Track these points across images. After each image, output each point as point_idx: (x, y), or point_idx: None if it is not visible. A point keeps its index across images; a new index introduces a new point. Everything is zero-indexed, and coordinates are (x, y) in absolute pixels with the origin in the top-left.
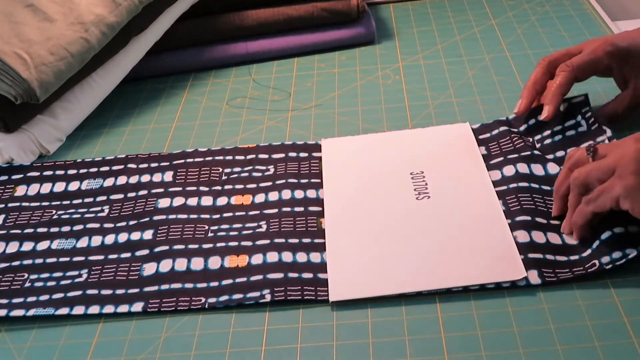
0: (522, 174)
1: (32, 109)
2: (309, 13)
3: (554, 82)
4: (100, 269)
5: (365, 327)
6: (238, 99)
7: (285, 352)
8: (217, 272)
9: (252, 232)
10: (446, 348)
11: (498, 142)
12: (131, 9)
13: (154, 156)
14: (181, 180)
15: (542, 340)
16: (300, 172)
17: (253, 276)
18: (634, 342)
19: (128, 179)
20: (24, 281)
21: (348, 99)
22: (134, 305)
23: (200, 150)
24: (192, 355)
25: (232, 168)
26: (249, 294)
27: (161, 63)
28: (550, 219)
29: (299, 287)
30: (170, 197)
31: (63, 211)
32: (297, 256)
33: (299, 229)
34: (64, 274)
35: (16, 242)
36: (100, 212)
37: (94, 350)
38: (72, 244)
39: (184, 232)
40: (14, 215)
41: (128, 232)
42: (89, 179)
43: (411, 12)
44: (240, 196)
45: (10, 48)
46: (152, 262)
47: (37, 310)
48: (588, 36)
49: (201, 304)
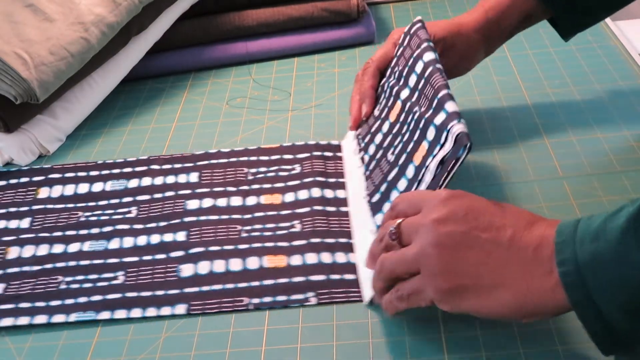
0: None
1: (32, 109)
2: (309, 13)
3: (364, 81)
4: (136, 271)
5: (365, 327)
6: (238, 99)
7: (285, 352)
8: (257, 272)
9: (286, 232)
10: (446, 348)
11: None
12: (131, 9)
13: (176, 157)
14: (207, 181)
15: (542, 341)
16: (326, 171)
17: (294, 277)
18: None
19: (153, 180)
20: (59, 283)
21: (348, 99)
22: (176, 307)
23: (224, 151)
24: (192, 355)
25: (257, 168)
26: (292, 295)
27: (161, 63)
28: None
29: (344, 289)
30: (199, 198)
31: (90, 213)
32: (336, 257)
33: (333, 228)
34: (99, 276)
35: (46, 244)
36: (128, 213)
37: (94, 350)
38: (103, 246)
39: (217, 233)
40: (39, 217)
41: (160, 234)
42: (113, 180)
43: (411, 12)
44: (270, 195)
45: (10, 48)
46: (189, 264)
47: (78, 315)
48: (589, 37)
49: (244, 305)
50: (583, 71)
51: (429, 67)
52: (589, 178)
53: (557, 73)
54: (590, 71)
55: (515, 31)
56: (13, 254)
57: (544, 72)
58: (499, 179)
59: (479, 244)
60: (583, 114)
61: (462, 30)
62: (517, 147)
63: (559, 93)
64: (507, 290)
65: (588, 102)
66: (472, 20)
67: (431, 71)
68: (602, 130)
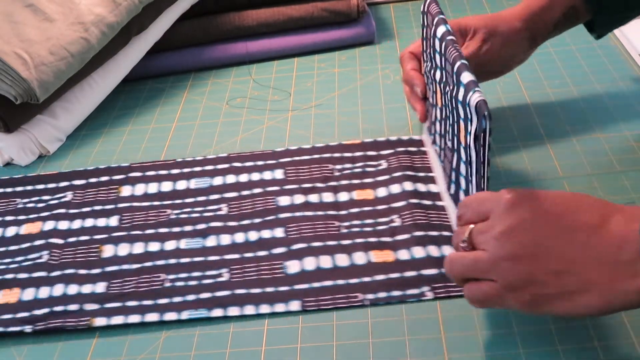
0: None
1: (32, 109)
2: (309, 13)
3: (404, 69)
4: (240, 268)
5: (365, 327)
6: (238, 99)
7: (285, 352)
8: (365, 267)
9: (387, 227)
10: (446, 348)
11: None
12: (131, 9)
13: (257, 154)
14: (293, 177)
15: (542, 341)
16: (414, 165)
17: (406, 272)
18: (634, 342)
19: (237, 177)
20: (163, 281)
21: (348, 99)
22: (290, 303)
23: (305, 148)
24: (192, 355)
25: (342, 164)
26: (408, 290)
27: (161, 63)
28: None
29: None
30: (289, 195)
31: (179, 210)
32: (443, 250)
33: (433, 222)
34: (202, 273)
35: (141, 242)
36: (219, 210)
37: (93, 351)
38: (200, 244)
39: (316, 230)
40: (127, 215)
41: (257, 230)
42: (196, 178)
43: (411, 12)
44: (361, 191)
45: (11, 48)
46: (294, 260)
47: (190, 313)
48: (589, 37)
49: (359, 301)
50: (583, 71)
51: (443, 41)
52: (589, 178)
53: (557, 73)
54: (590, 71)
55: (560, 26)
56: (108, 252)
57: (544, 72)
58: (499, 179)
59: (555, 252)
60: (583, 114)
61: (504, 18)
62: (517, 147)
63: (559, 93)
64: (593, 294)
65: (588, 102)
66: (514, 10)
67: (445, 44)
68: (602, 130)
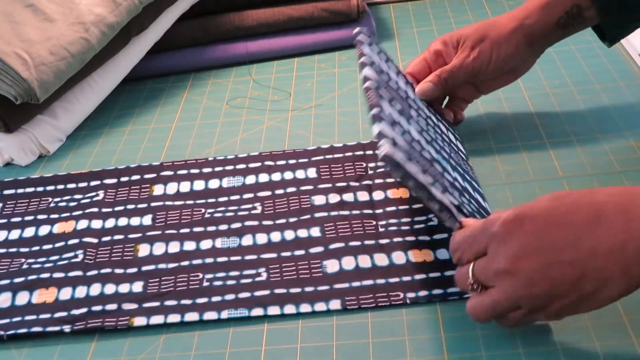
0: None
1: (32, 109)
2: (309, 13)
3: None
4: (278, 267)
5: (365, 327)
6: (238, 99)
7: (285, 352)
8: (405, 267)
9: (424, 226)
10: (446, 348)
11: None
12: (131, 9)
13: (289, 153)
14: (327, 176)
15: (542, 341)
16: None
17: (446, 272)
18: (634, 342)
19: (270, 176)
20: (201, 280)
21: (348, 99)
22: (331, 302)
23: (337, 146)
24: (192, 355)
25: (375, 162)
26: (449, 289)
27: (161, 63)
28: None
29: None
30: (324, 194)
31: (213, 209)
32: None
33: None
34: (240, 272)
35: (176, 241)
36: (253, 209)
37: (94, 351)
38: (236, 243)
39: (353, 229)
40: (161, 214)
41: (293, 230)
42: (228, 177)
43: (411, 12)
44: (396, 189)
45: (11, 48)
46: (333, 259)
47: (230, 313)
48: (589, 37)
49: (401, 299)
50: (583, 71)
51: (364, 86)
52: (589, 178)
53: (557, 73)
54: (590, 71)
55: (566, 25)
56: (144, 251)
57: (544, 72)
58: (500, 179)
59: (566, 263)
60: (583, 114)
61: (497, 22)
62: (517, 147)
63: (559, 93)
64: (611, 287)
65: (588, 102)
66: (510, 12)
67: (364, 89)
68: (602, 130)
